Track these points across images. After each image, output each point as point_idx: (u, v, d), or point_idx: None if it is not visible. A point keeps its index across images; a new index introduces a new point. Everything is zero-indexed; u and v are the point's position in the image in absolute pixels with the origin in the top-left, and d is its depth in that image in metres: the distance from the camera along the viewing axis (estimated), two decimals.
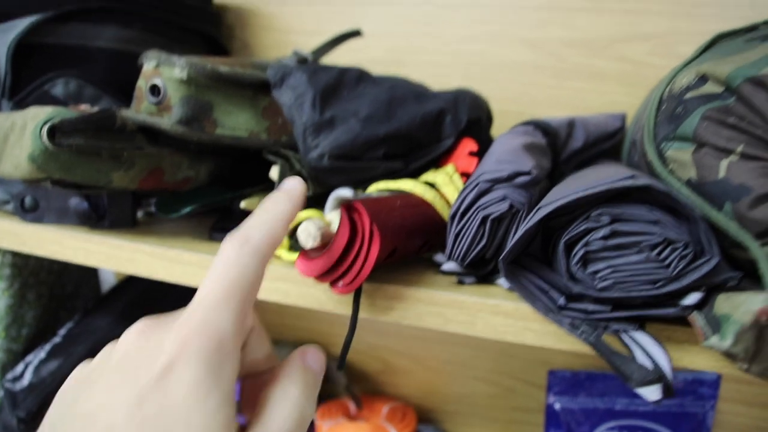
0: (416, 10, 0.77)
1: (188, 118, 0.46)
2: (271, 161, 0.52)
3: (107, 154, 0.46)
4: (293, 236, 0.46)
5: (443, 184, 0.49)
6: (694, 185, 0.37)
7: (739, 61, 0.35)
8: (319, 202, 0.53)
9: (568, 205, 0.34)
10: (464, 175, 0.51)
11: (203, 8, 0.76)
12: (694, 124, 0.37)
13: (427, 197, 0.46)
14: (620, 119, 0.63)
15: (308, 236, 0.40)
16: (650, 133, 0.42)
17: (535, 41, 0.73)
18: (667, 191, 0.33)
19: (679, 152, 0.38)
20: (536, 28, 0.72)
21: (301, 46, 0.83)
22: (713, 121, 0.36)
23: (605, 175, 0.35)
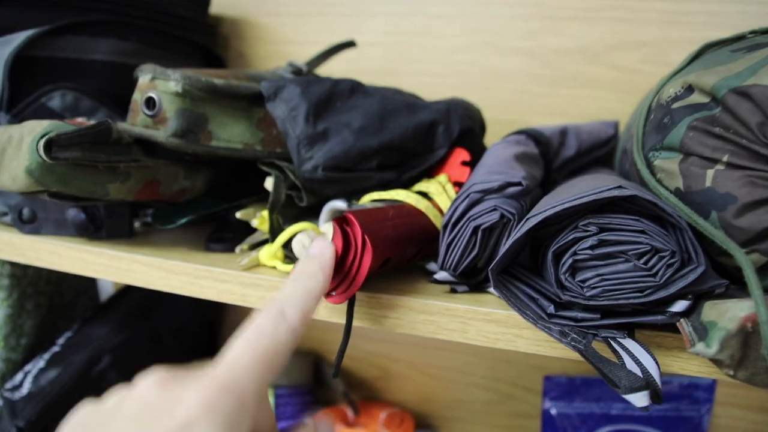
0: (410, 20, 0.78)
1: (183, 130, 0.47)
2: (265, 172, 0.53)
3: (104, 166, 0.46)
4: (288, 247, 0.46)
5: (436, 193, 0.49)
6: (681, 194, 0.37)
7: (724, 71, 0.36)
8: (313, 210, 0.53)
9: (556, 215, 0.35)
10: (457, 184, 0.51)
11: (198, 20, 0.77)
12: (680, 134, 0.37)
13: (419, 207, 0.47)
14: (613, 126, 0.64)
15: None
16: (638, 142, 0.42)
17: (528, 49, 0.73)
18: (653, 200, 0.33)
19: (666, 162, 0.39)
20: (529, 36, 0.73)
21: (295, 56, 0.83)
22: (699, 131, 0.36)
23: (593, 185, 0.36)
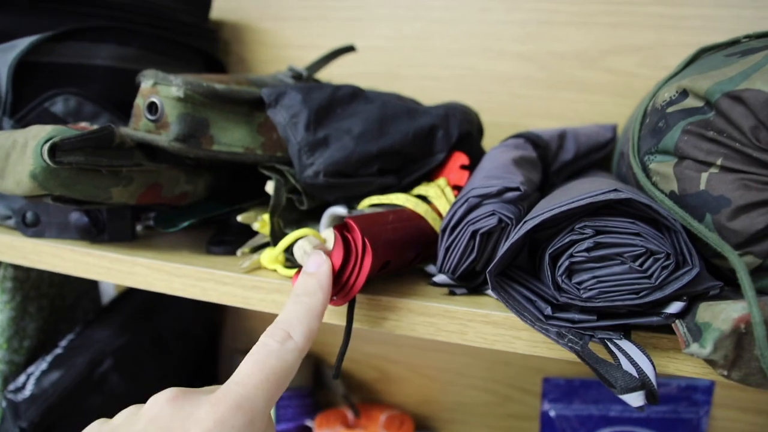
0: (410, 24, 0.78)
1: (185, 135, 0.47)
2: (266, 176, 0.53)
3: (107, 170, 0.46)
4: (289, 250, 0.47)
5: (435, 197, 0.49)
6: (676, 197, 0.38)
7: (718, 76, 0.36)
8: (314, 213, 0.54)
9: (552, 218, 0.35)
10: (456, 188, 0.52)
11: (199, 25, 0.77)
12: (675, 137, 0.38)
13: (418, 210, 0.47)
14: (611, 130, 0.64)
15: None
16: (634, 146, 0.43)
17: (525, 54, 0.74)
18: (648, 203, 0.34)
19: (661, 165, 0.39)
20: (526, 41, 0.73)
21: (296, 60, 0.84)
22: (693, 134, 0.37)
23: (590, 188, 0.36)
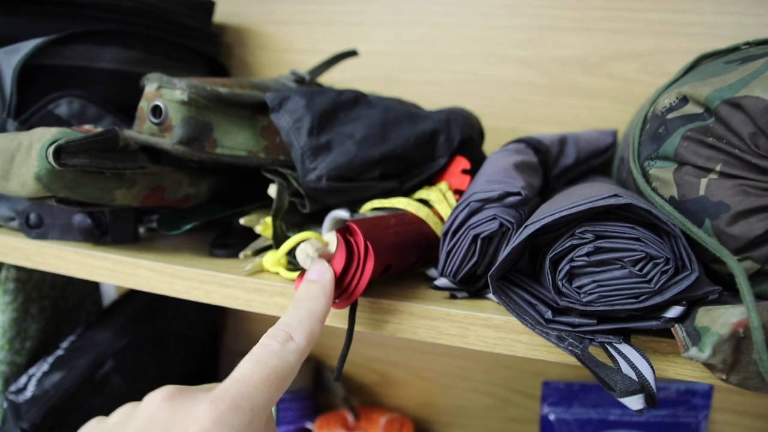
0: (412, 29, 0.79)
1: (189, 138, 0.48)
2: (269, 179, 0.53)
3: (111, 173, 0.47)
4: (291, 253, 0.47)
5: (437, 201, 0.50)
6: (675, 203, 0.38)
7: (718, 83, 0.37)
8: (316, 216, 0.54)
9: (553, 222, 0.35)
10: (457, 192, 0.52)
11: (202, 28, 0.78)
12: (675, 143, 0.38)
13: (420, 214, 0.47)
14: (611, 135, 0.65)
15: (306, 257, 0.41)
16: (634, 152, 0.43)
17: (526, 59, 0.74)
18: (648, 209, 0.34)
19: (661, 171, 0.39)
20: (528, 46, 0.74)
21: (298, 64, 0.84)
22: (693, 141, 0.37)
23: (590, 193, 0.36)
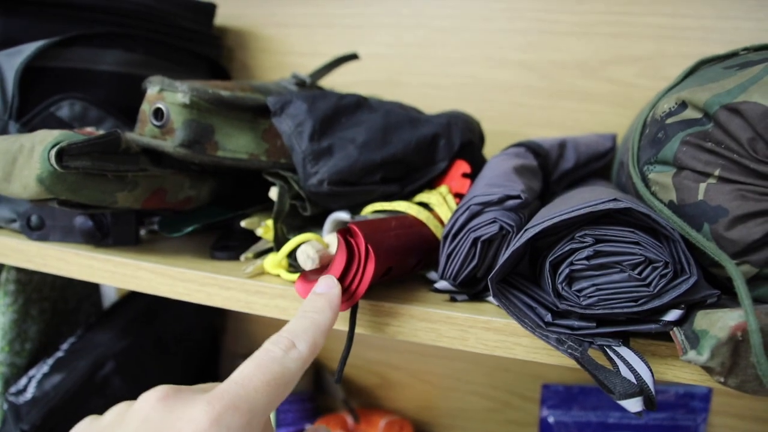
0: (412, 33, 0.79)
1: (190, 140, 0.48)
2: (270, 182, 0.53)
3: (112, 175, 0.47)
4: (292, 256, 0.47)
5: (437, 204, 0.50)
6: (674, 207, 0.38)
7: (716, 88, 0.37)
8: (317, 219, 0.54)
9: (553, 226, 0.36)
10: (458, 195, 0.52)
11: (204, 31, 0.78)
12: (674, 148, 0.38)
13: (420, 217, 0.48)
14: (611, 139, 0.65)
15: (307, 258, 0.42)
16: (634, 156, 0.43)
17: (526, 63, 0.74)
18: (647, 213, 0.34)
19: (660, 175, 0.40)
20: (527, 50, 0.74)
21: (299, 67, 0.84)
22: (692, 145, 0.37)
23: (590, 197, 0.37)
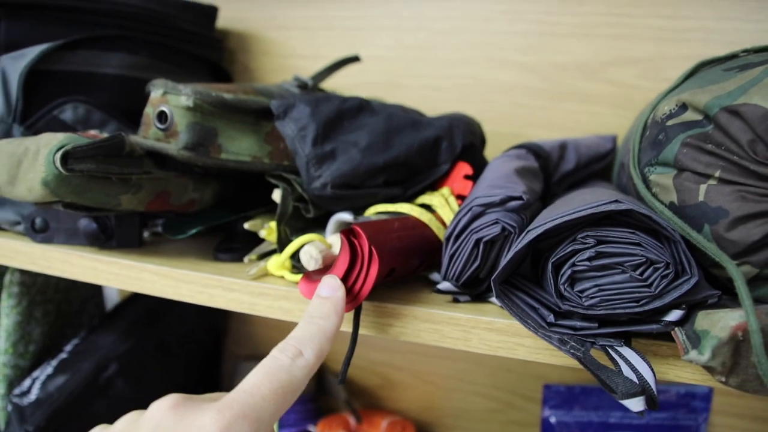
0: (413, 35, 0.79)
1: (194, 143, 0.48)
2: (273, 184, 0.54)
3: (117, 178, 0.47)
4: (295, 257, 0.48)
5: (439, 206, 0.50)
6: (675, 208, 0.39)
7: (716, 90, 0.37)
8: (320, 221, 0.55)
9: (555, 227, 0.36)
10: (460, 197, 0.53)
11: (206, 34, 0.78)
12: (675, 150, 0.39)
13: (423, 219, 0.48)
14: (611, 141, 0.65)
15: (310, 258, 0.42)
16: (635, 158, 0.44)
17: (527, 64, 0.75)
18: (648, 214, 0.35)
19: (661, 177, 0.40)
20: (528, 52, 0.74)
21: (300, 70, 0.85)
22: (692, 147, 0.38)
23: (591, 199, 0.37)
